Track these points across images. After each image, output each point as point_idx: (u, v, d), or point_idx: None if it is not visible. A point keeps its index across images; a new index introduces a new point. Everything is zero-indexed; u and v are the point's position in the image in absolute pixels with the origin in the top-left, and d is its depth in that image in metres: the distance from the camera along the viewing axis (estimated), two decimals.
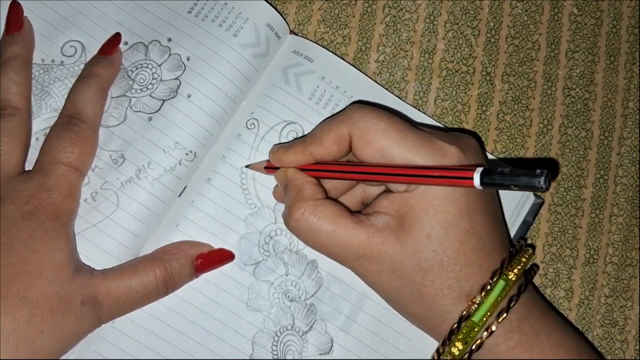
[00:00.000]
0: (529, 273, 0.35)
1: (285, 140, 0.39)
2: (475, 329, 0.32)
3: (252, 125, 0.39)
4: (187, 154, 0.37)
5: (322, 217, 0.33)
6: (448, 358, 0.33)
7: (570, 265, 0.43)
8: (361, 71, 0.41)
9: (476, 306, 0.32)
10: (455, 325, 0.32)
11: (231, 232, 0.38)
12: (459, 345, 0.32)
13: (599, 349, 0.42)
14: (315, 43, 0.41)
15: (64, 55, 0.38)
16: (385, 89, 0.41)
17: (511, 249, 0.34)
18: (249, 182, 0.38)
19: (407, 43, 0.43)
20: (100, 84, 0.36)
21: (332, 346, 0.38)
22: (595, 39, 0.45)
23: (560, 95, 0.44)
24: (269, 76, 0.40)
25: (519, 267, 0.33)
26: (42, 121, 0.37)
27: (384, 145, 0.32)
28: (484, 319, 0.32)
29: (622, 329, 0.42)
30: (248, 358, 0.37)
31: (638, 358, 0.42)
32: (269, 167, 0.37)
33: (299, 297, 0.38)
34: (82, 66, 0.38)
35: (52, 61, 0.38)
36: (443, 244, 0.32)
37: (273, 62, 0.40)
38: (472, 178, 0.28)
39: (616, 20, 0.45)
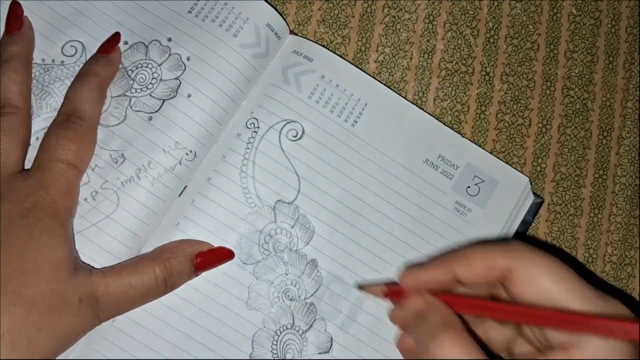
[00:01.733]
0: None
1: (286, 139, 0.39)
2: None
3: (252, 124, 0.39)
4: (187, 154, 0.37)
5: (470, 352, 0.28)
6: None
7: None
8: (361, 69, 0.41)
9: None
10: None
11: (231, 231, 0.38)
12: None
13: None
14: (315, 42, 0.41)
15: (64, 55, 0.38)
16: (387, 86, 0.41)
17: None
18: (248, 181, 0.38)
19: (406, 43, 0.43)
20: (99, 82, 0.36)
21: (331, 345, 0.38)
22: (594, 39, 0.45)
23: (559, 95, 0.44)
24: (269, 76, 0.40)
25: None
26: (43, 120, 0.37)
27: (552, 287, 0.29)
28: None
29: None
30: (248, 357, 0.37)
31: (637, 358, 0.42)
32: (392, 292, 0.35)
33: (299, 296, 0.38)
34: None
35: (53, 61, 0.38)
36: None
37: (273, 62, 0.40)
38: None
39: (615, 20, 0.45)
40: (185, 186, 0.38)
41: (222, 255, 0.37)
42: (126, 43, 0.39)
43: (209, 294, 0.37)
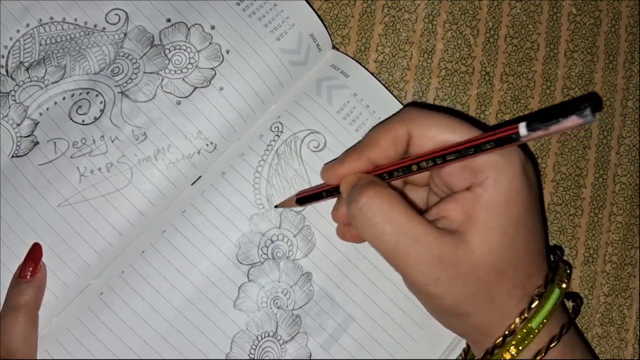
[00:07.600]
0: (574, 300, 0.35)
1: (306, 148, 0.39)
2: (531, 335, 0.31)
3: (276, 128, 0.39)
4: (207, 145, 0.37)
5: (396, 204, 0.30)
6: None
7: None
8: (395, 97, 0.41)
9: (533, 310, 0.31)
10: (514, 326, 0.31)
11: (234, 228, 0.38)
12: (513, 350, 0.31)
13: (597, 348, 0.42)
14: (356, 61, 0.41)
15: (107, 22, 0.38)
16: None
17: (552, 258, 0.34)
18: (261, 183, 0.38)
19: (406, 43, 0.43)
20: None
21: None
22: (594, 39, 0.45)
23: (559, 95, 0.44)
24: (303, 85, 0.40)
25: (567, 279, 0.33)
26: (72, 82, 0.37)
27: (447, 138, 0.31)
28: (541, 325, 0.31)
29: (621, 328, 0.42)
30: (224, 357, 0.37)
31: (637, 357, 0.42)
32: (303, 197, 0.36)
33: (287, 306, 0.38)
34: (122, 35, 0.38)
35: (95, 26, 0.38)
36: (515, 241, 0.31)
37: (310, 72, 0.40)
38: (517, 128, 0.27)
39: (615, 19, 0.45)
40: (200, 176, 0.38)
41: (35, 254, 0.36)
42: (169, 21, 0.38)
43: (199, 285, 0.37)
